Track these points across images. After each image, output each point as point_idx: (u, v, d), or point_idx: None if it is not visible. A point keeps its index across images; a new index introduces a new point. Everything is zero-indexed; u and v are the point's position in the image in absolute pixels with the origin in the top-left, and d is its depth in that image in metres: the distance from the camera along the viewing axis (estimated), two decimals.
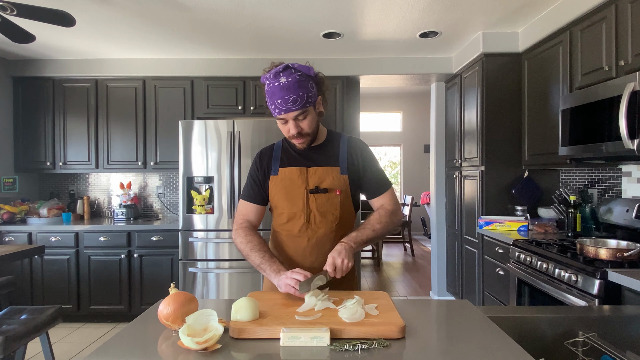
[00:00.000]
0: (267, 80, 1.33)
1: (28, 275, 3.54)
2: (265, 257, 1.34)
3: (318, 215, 1.42)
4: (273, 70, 1.32)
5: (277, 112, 1.32)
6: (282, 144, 1.52)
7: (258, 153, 1.53)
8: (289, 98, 1.28)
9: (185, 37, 3.33)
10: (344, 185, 1.44)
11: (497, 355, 0.91)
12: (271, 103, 1.31)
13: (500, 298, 2.81)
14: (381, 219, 1.41)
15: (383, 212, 1.44)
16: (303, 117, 1.34)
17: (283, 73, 1.30)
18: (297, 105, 1.30)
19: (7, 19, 2.41)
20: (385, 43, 3.51)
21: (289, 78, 1.29)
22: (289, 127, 1.35)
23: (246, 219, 1.49)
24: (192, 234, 3.39)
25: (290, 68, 1.31)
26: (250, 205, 1.50)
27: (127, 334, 1.05)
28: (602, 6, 2.28)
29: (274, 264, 1.32)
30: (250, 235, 1.42)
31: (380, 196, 1.48)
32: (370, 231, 1.38)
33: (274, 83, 1.30)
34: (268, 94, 1.32)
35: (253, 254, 1.36)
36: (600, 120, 2.13)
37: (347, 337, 0.98)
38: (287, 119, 1.34)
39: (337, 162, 1.45)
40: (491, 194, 3.24)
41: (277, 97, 1.29)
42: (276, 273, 1.28)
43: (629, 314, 1.26)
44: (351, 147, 1.49)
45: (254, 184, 1.49)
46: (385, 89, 7.49)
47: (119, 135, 3.87)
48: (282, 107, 1.30)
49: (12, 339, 1.83)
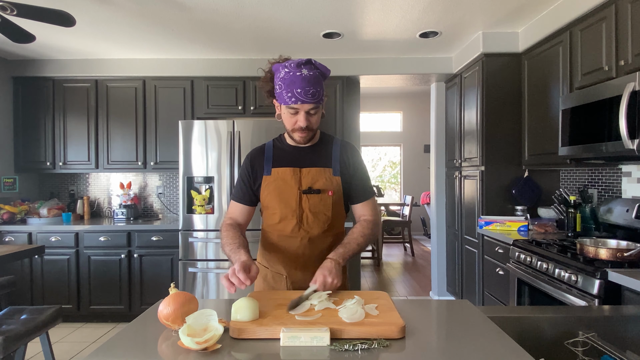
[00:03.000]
0: (286, 69, 1.32)
1: (28, 275, 3.54)
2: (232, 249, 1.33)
3: (310, 216, 1.43)
4: (295, 60, 1.33)
5: (293, 101, 1.31)
6: (272, 144, 1.51)
7: (248, 155, 1.52)
8: (309, 90, 1.30)
9: (185, 37, 3.33)
10: (336, 186, 1.45)
11: (497, 355, 0.91)
12: (288, 91, 1.31)
13: (500, 298, 2.81)
14: (364, 231, 1.43)
15: (365, 224, 1.46)
16: (315, 111, 1.36)
17: (305, 65, 1.32)
18: (315, 98, 1.32)
19: (7, 19, 2.41)
20: (385, 43, 3.51)
21: (311, 72, 1.32)
22: (297, 119, 1.35)
23: (233, 218, 1.50)
24: (192, 234, 3.39)
25: (312, 63, 1.34)
26: (239, 206, 1.50)
27: (127, 334, 1.05)
28: (602, 6, 2.28)
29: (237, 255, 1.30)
30: (231, 231, 1.42)
31: (363, 203, 1.50)
32: (355, 245, 1.39)
33: (295, 72, 1.30)
34: (285, 81, 1.31)
35: (226, 247, 1.37)
36: (600, 120, 2.13)
37: (347, 337, 0.98)
38: (300, 110, 1.34)
39: (330, 163, 1.46)
40: (491, 194, 3.24)
41: (297, 86, 1.30)
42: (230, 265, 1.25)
43: (629, 314, 1.26)
44: (344, 150, 1.50)
45: (243, 185, 1.49)
46: (385, 89, 7.49)
47: (119, 135, 3.87)
48: (300, 97, 1.30)
49: (12, 339, 1.83)
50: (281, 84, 1.33)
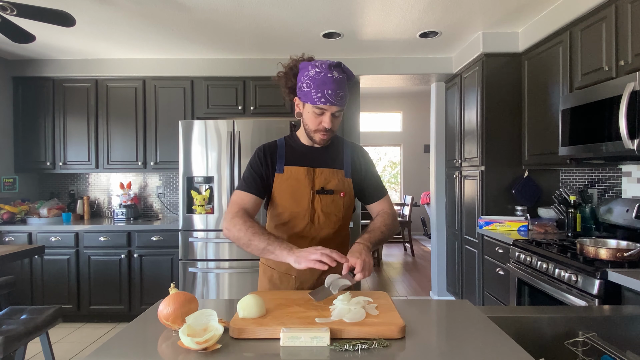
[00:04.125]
0: (317, 69, 1.33)
1: (28, 275, 3.54)
2: (270, 238, 1.26)
3: (322, 216, 1.43)
4: (326, 61, 1.34)
5: (322, 102, 1.32)
6: (285, 142, 1.50)
7: (261, 148, 1.47)
8: (339, 93, 1.32)
9: (185, 37, 3.33)
10: (348, 188, 1.46)
11: (497, 355, 0.91)
12: (318, 91, 1.31)
13: (500, 298, 2.81)
14: (385, 221, 1.43)
15: (386, 215, 1.46)
16: (339, 114, 1.38)
17: (336, 68, 1.34)
18: (343, 102, 1.34)
19: (7, 19, 2.41)
20: (385, 43, 3.51)
21: (341, 75, 1.34)
22: (322, 119, 1.36)
23: (242, 207, 1.38)
24: (192, 234, 3.39)
25: (341, 66, 1.36)
26: (249, 196, 1.41)
27: (127, 334, 1.05)
28: (602, 6, 2.28)
29: (283, 243, 1.24)
30: (250, 222, 1.32)
31: (379, 201, 1.52)
32: (379, 233, 1.38)
33: (326, 73, 1.32)
34: (315, 81, 1.32)
35: (256, 238, 1.27)
36: (600, 120, 2.13)
37: (347, 337, 0.98)
38: (327, 112, 1.35)
39: (342, 165, 1.48)
40: (491, 194, 3.24)
41: (328, 87, 1.31)
42: (288, 251, 1.20)
43: (629, 314, 1.26)
44: (355, 153, 1.52)
45: (255, 176, 1.42)
46: (385, 89, 7.49)
47: (119, 135, 3.87)
48: (331, 99, 1.31)
49: (12, 339, 1.83)
50: (310, 83, 1.33)
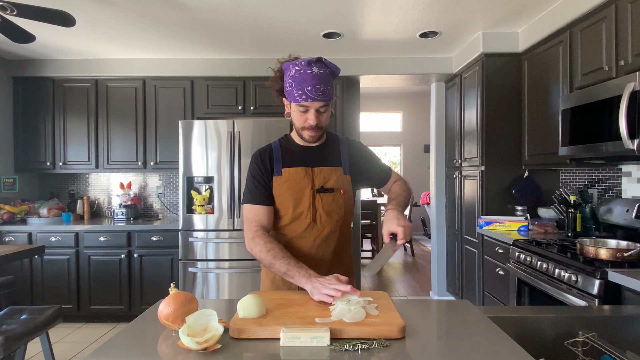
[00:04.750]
0: (297, 67, 1.33)
1: (28, 275, 3.54)
2: (290, 263, 1.30)
3: (324, 215, 1.43)
4: (306, 59, 1.33)
5: (303, 99, 1.31)
6: (279, 144, 1.50)
7: (256, 154, 1.47)
8: (320, 88, 1.31)
9: (185, 37, 3.33)
10: (347, 185, 1.46)
11: (497, 355, 0.91)
12: (298, 89, 1.31)
13: (500, 298, 2.81)
14: (403, 187, 1.54)
15: (400, 183, 1.56)
16: (324, 110, 1.37)
17: (316, 64, 1.33)
18: (325, 96, 1.33)
19: (7, 19, 2.41)
20: (385, 43, 3.51)
21: (321, 70, 1.33)
22: (307, 117, 1.36)
23: (260, 225, 1.41)
24: (192, 234, 3.39)
25: (322, 61, 1.35)
26: (260, 209, 1.42)
27: (127, 334, 1.05)
28: (602, 6, 2.28)
29: (302, 269, 1.28)
30: (270, 243, 1.36)
31: (390, 179, 1.58)
32: (403, 198, 1.46)
33: (305, 70, 1.31)
34: (295, 79, 1.32)
35: (277, 262, 1.31)
36: (600, 120, 2.13)
37: (347, 337, 0.98)
38: (310, 108, 1.34)
39: (340, 162, 1.47)
40: (491, 194, 3.24)
41: (308, 84, 1.30)
42: (307, 279, 1.24)
43: (629, 314, 1.26)
44: (352, 149, 1.52)
45: (259, 185, 1.43)
46: (385, 89, 7.49)
47: (119, 135, 3.87)
48: (311, 95, 1.31)
49: (12, 339, 1.83)
50: (291, 82, 1.33)
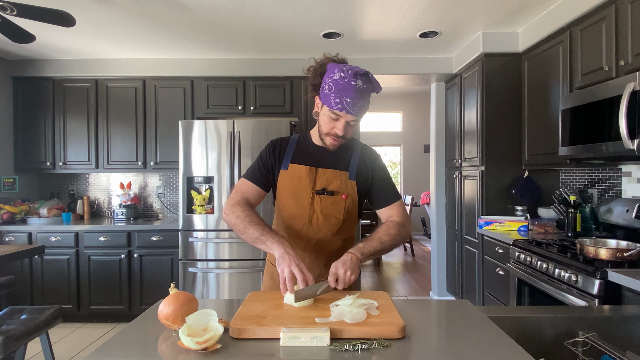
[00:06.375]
0: (342, 73, 1.29)
1: (28, 275, 3.54)
2: (265, 229, 1.29)
3: (321, 217, 1.41)
4: (354, 68, 1.29)
5: (339, 108, 1.29)
6: (298, 139, 1.49)
7: (273, 141, 1.49)
8: (358, 103, 1.28)
9: (185, 37, 3.33)
10: (351, 190, 1.42)
11: (497, 355, 0.91)
12: (337, 96, 1.28)
13: (500, 298, 2.81)
14: (389, 231, 1.36)
15: (391, 224, 1.39)
16: (354, 123, 1.34)
17: (362, 77, 1.29)
18: (360, 113, 1.31)
19: (7, 19, 2.41)
20: (385, 43, 3.51)
21: (365, 85, 1.29)
22: (336, 125, 1.33)
23: (245, 197, 1.43)
24: (192, 234, 3.39)
25: (368, 76, 1.31)
26: (252, 186, 1.45)
27: (127, 334, 1.05)
28: (602, 6, 2.28)
29: (276, 235, 1.27)
30: (249, 211, 1.36)
31: (389, 207, 1.45)
32: (378, 243, 1.32)
33: (350, 80, 1.27)
34: (337, 85, 1.28)
35: (251, 227, 1.31)
36: (600, 120, 2.13)
37: (347, 337, 0.98)
38: (341, 119, 1.32)
39: (347, 167, 1.44)
40: (491, 194, 3.24)
41: (348, 95, 1.27)
42: (280, 244, 1.23)
43: (629, 314, 1.26)
44: (363, 155, 1.48)
45: (262, 167, 1.45)
46: (385, 89, 7.47)
47: (119, 135, 3.87)
48: (347, 107, 1.28)
49: (12, 339, 1.83)
50: (332, 86, 1.30)
